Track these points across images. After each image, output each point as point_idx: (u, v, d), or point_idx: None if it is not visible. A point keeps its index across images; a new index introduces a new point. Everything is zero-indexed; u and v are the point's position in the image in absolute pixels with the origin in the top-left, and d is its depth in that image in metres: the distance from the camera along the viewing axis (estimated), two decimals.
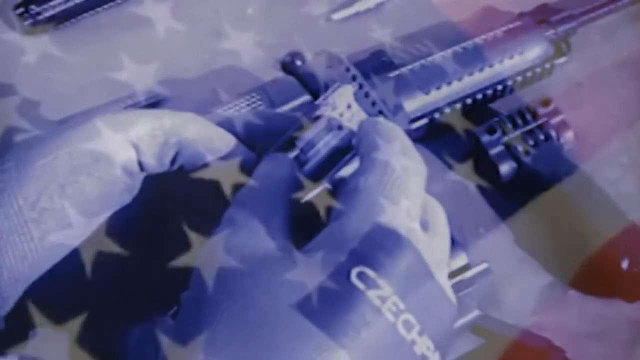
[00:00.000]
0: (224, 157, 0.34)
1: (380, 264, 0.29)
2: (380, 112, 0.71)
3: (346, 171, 0.34)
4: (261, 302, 0.27)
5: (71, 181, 0.32)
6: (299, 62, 0.75)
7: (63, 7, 0.82)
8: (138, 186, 0.34)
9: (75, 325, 0.32)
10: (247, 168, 0.33)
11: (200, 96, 0.76)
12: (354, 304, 0.28)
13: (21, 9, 0.81)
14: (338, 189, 0.33)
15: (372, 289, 0.28)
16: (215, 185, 0.33)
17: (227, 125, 0.35)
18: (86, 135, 0.32)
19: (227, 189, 0.33)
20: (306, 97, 0.71)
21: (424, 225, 0.33)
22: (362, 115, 0.35)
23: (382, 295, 0.28)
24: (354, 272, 0.28)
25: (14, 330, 0.31)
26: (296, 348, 0.27)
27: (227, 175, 0.33)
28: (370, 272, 0.28)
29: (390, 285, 0.29)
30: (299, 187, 0.32)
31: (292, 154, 0.33)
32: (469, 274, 0.66)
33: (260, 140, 0.35)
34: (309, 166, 0.34)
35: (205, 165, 0.34)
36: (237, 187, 0.32)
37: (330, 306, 0.27)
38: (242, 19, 0.84)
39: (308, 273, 0.28)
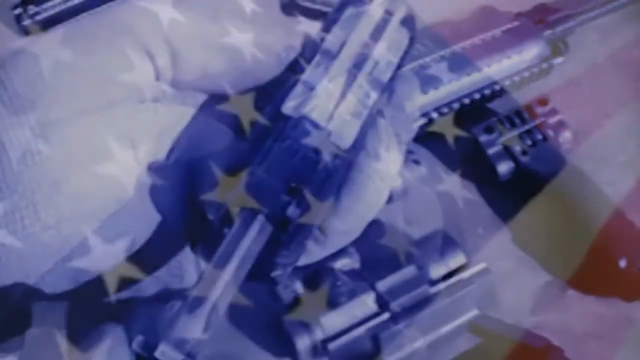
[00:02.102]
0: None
1: None
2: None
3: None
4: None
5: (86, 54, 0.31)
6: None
7: (61, 7, 0.82)
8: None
9: (72, 322, 0.31)
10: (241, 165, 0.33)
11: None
12: None
13: (19, 9, 0.81)
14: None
15: None
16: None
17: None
18: None
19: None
20: None
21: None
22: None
23: None
24: None
25: (12, 329, 0.31)
26: None
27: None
28: None
29: None
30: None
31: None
32: (467, 273, 0.67)
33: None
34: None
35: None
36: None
37: None
38: (241, 19, 0.84)
39: None
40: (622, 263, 0.70)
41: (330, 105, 0.33)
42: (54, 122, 0.30)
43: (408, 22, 0.36)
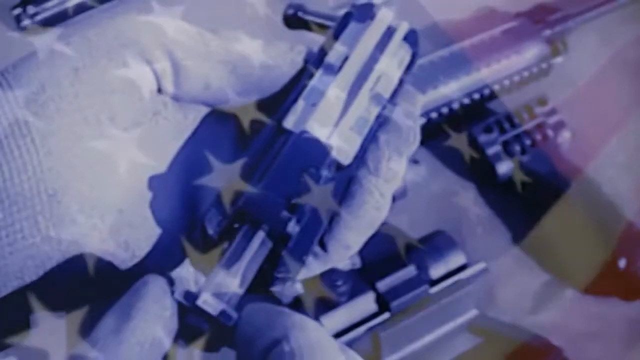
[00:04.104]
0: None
1: None
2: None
3: None
4: None
5: (88, 65, 0.31)
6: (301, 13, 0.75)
7: (61, 7, 0.82)
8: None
9: (73, 313, 0.31)
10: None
11: None
12: None
13: (19, 10, 0.81)
14: None
15: None
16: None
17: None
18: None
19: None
20: None
21: None
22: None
23: None
24: None
25: (12, 320, 0.31)
26: None
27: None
28: None
29: None
30: None
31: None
32: (466, 273, 0.67)
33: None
34: None
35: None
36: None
37: None
38: (240, 19, 0.84)
39: None
40: (622, 263, 0.70)
41: (331, 120, 0.33)
42: (54, 131, 0.30)
43: (411, 37, 0.36)
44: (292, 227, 0.30)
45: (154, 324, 0.27)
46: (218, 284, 0.29)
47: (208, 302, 0.28)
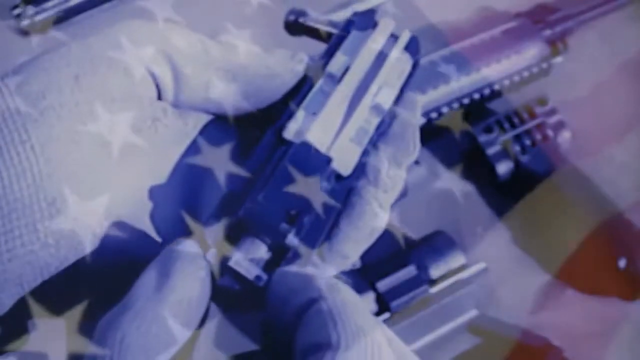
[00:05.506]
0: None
1: None
2: None
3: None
4: None
5: (88, 71, 0.31)
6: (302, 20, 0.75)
7: (61, 7, 0.82)
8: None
9: (73, 313, 0.31)
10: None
11: None
12: None
13: (19, 10, 0.81)
14: None
15: None
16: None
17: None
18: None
19: (220, 175, 0.33)
20: None
21: None
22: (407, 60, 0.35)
23: None
24: None
25: (13, 323, 0.31)
26: None
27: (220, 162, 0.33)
28: None
29: None
30: None
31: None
32: (466, 273, 0.67)
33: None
34: None
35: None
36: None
37: None
38: (240, 18, 0.84)
39: None
40: (622, 263, 0.70)
41: (332, 131, 0.33)
42: (54, 138, 0.30)
43: (412, 46, 0.36)
44: (291, 239, 0.30)
45: (191, 282, 0.28)
46: (247, 248, 0.30)
47: (240, 264, 0.29)
